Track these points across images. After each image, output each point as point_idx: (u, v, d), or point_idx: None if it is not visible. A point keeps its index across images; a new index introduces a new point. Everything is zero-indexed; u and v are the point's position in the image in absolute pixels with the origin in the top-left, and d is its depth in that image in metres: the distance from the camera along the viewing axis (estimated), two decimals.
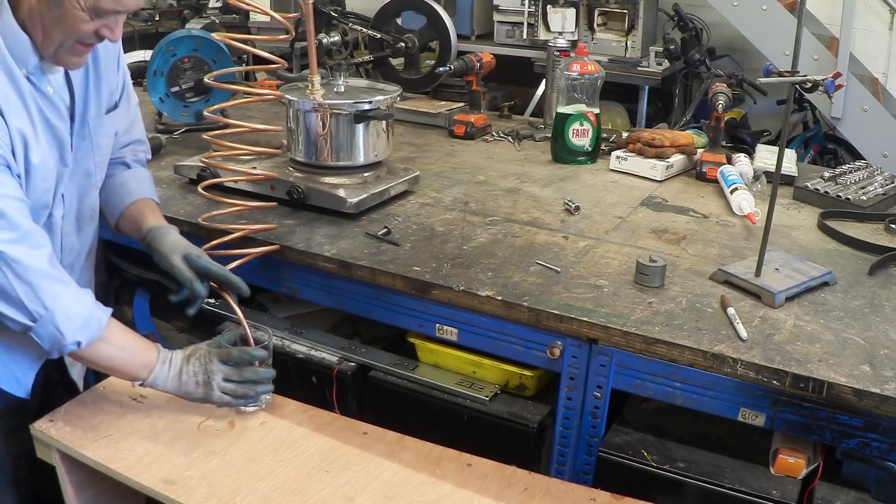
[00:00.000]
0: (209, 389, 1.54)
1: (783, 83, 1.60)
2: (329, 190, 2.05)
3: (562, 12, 4.14)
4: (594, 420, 1.66)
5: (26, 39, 1.40)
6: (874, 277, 1.83)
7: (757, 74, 2.45)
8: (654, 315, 1.62)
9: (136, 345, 1.55)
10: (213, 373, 1.54)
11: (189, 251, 1.68)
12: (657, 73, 4.26)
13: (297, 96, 2.08)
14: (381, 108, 2.08)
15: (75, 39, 1.41)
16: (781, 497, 1.48)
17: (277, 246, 1.89)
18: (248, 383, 1.56)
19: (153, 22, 5.56)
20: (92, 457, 1.49)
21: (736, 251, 1.94)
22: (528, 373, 1.77)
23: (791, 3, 3.84)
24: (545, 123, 2.95)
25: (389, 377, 1.86)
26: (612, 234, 2.03)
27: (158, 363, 1.54)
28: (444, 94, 3.07)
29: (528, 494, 1.44)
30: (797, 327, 1.59)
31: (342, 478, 1.45)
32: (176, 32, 2.65)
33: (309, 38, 2.04)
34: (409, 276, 1.77)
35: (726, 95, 2.42)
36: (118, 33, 1.45)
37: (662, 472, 1.56)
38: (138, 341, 1.56)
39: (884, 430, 1.42)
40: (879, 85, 3.85)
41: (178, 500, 1.38)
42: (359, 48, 3.34)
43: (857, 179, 2.35)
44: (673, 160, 2.47)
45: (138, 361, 1.53)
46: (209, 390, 1.54)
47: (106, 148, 1.68)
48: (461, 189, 2.32)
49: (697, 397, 1.55)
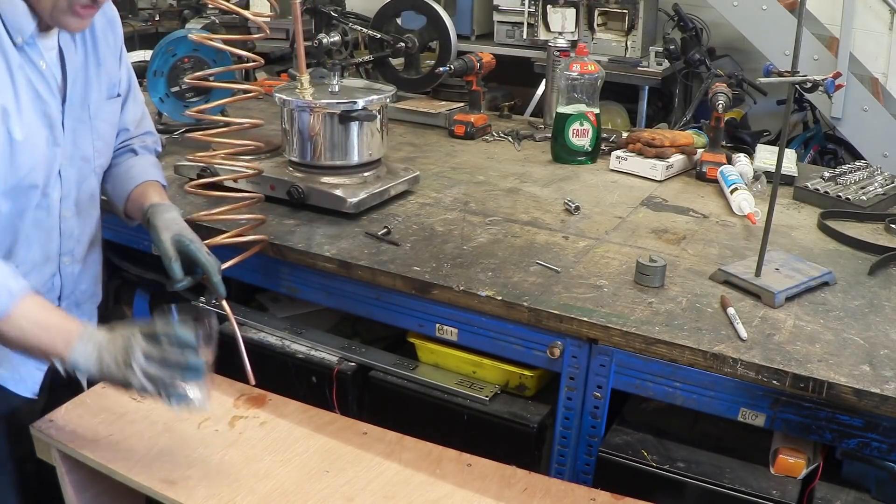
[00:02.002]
0: (129, 371, 1.32)
1: (783, 83, 1.60)
2: (329, 190, 2.06)
3: (562, 12, 4.15)
4: (594, 420, 1.66)
5: (21, 3, 1.39)
6: (874, 277, 1.83)
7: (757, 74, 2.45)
8: (654, 315, 1.62)
9: (56, 322, 1.37)
10: (134, 349, 1.32)
11: (182, 233, 1.61)
12: (657, 73, 4.26)
13: (288, 96, 2.08)
14: (369, 108, 2.08)
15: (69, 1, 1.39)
16: (781, 497, 1.48)
17: (266, 238, 1.89)
18: (171, 369, 1.33)
19: (153, 22, 5.56)
20: (92, 457, 1.49)
21: (736, 251, 1.94)
22: (528, 373, 1.77)
23: (791, 3, 3.84)
24: (545, 123, 2.95)
25: (389, 377, 1.86)
26: (612, 234, 2.03)
27: (79, 339, 1.34)
28: (444, 94, 3.08)
29: (528, 494, 1.44)
30: (797, 327, 1.59)
31: (342, 478, 1.45)
32: (176, 32, 2.65)
33: (298, 38, 2.04)
34: (409, 276, 1.77)
35: (726, 95, 2.42)
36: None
37: (662, 472, 1.56)
38: (59, 318, 1.39)
39: (884, 430, 1.42)
40: (879, 85, 3.85)
41: (178, 500, 1.38)
42: (359, 48, 3.34)
43: (857, 179, 2.35)
44: (673, 160, 2.47)
45: (56, 338, 1.34)
46: (129, 372, 1.32)
47: (106, 134, 1.66)
48: (461, 189, 2.32)
49: (697, 397, 1.55)
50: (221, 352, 1.89)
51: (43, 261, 1.59)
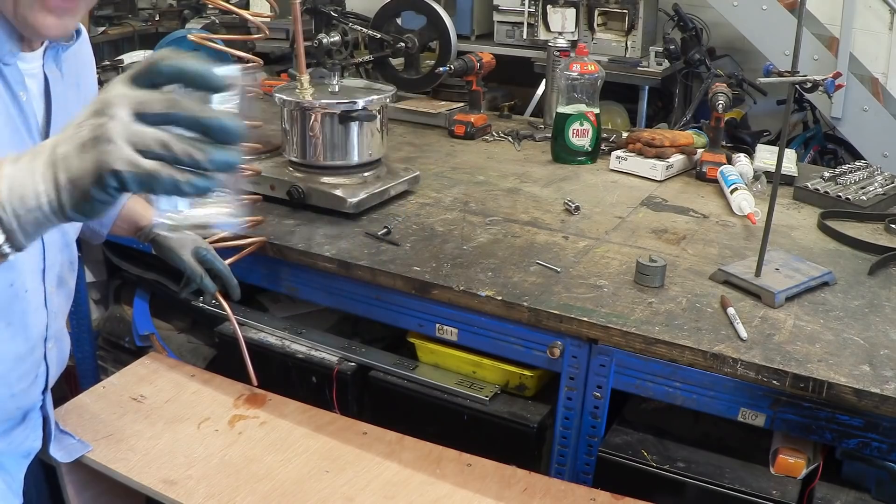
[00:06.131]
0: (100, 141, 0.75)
1: (783, 83, 1.60)
2: (329, 190, 2.06)
3: (562, 12, 4.15)
4: (594, 420, 1.66)
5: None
6: (874, 277, 1.83)
7: (757, 74, 2.45)
8: (654, 315, 1.62)
9: None
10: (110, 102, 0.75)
11: (198, 245, 1.67)
12: (657, 73, 4.26)
13: (288, 96, 2.08)
14: (369, 108, 2.07)
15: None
16: (781, 497, 1.48)
17: (262, 239, 1.89)
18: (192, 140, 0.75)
19: (153, 22, 5.56)
20: (92, 457, 1.49)
21: (736, 251, 1.94)
22: (528, 373, 1.77)
23: (791, 3, 3.84)
24: (545, 123, 2.95)
25: (389, 377, 1.86)
26: (612, 234, 2.03)
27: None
28: (444, 94, 3.07)
29: (528, 494, 1.44)
30: (797, 327, 1.59)
31: (342, 478, 1.45)
32: (176, 32, 2.66)
33: (297, 38, 2.04)
34: (409, 276, 1.77)
35: (726, 95, 2.42)
36: None
37: (662, 472, 1.56)
38: None
39: (884, 430, 1.42)
40: (879, 85, 3.85)
41: (178, 500, 1.38)
42: (359, 48, 3.34)
43: (857, 179, 2.35)
44: (673, 160, 2.47)
45: None
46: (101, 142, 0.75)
47: None
48: (461, 189, 2.32)
49: (697, 397, 1.55)
50: (222, 352, 1.90)
51: (27, 352, 1.30)
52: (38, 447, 1.44)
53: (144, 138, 0.74)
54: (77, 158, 0.76)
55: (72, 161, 0.77)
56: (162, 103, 0.75)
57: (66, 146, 0.77)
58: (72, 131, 0.78)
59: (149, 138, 0.74)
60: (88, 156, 0.75)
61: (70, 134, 0.78)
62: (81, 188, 0.76)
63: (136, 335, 2.27)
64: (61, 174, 0.77)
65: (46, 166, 0.78)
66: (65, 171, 0.77)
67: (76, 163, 0.76)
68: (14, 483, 1.37)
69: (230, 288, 1.70)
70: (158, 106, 0.74)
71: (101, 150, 0.74)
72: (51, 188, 0.78)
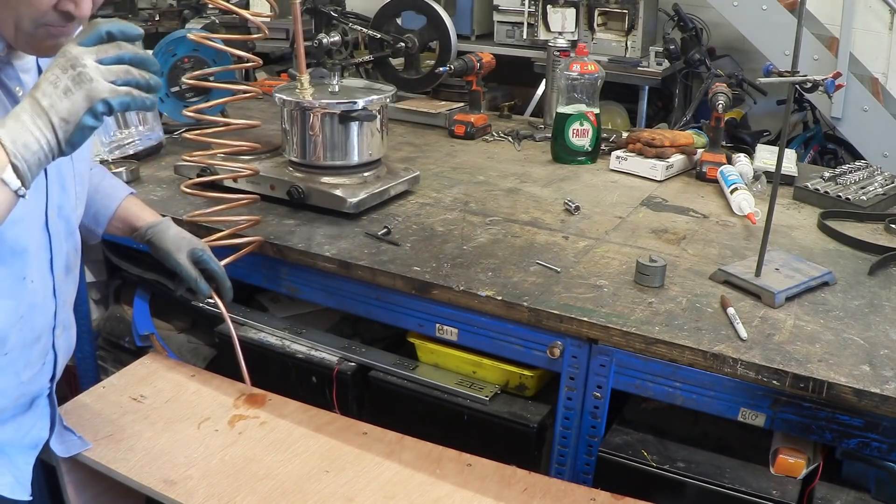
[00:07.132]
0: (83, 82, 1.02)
1: (783, 83, 1.60)
2: (329, 190, 2.06)
3: (562, 12, 4.15)
4: (594, 420, 1.65)
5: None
6: (874, 277, 1.83)
7: (757, 74, 2.45)
8: (654, 315, 1.62)
9: None
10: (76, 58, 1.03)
11: (194, 246, 1.67)
12: (657, 73, 4.26)
13: (288, 96, 2.08)
14: (369, 108, 2.07)
15: (33, 21, 1.13)
16: (781, 497, 1.48)
17: (260, 239, 1.89)
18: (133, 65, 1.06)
19: (153, 22, 5.56)
20: (92, 457, 1.49)
21: (736, 251, 1.94)
22: (528, 373, 1.77)
23: (791, 3, 3.84)
24: (545, 123, 2.95)
25: (389, 377, 1.86)
26: (612, 234, 2.03)
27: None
28: (444, 94, 3.08)
29: (528, 494, 1.44)
30: (797, 327, 1.59)
31: (342, 478, 1.45)
32: (176, 32, 2.65)
33: (297, 38, 2.04)
34: (409, 276, 1.77)
35: (726, 95, 2.42)
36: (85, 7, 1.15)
37: (662, 472, 1.56)
38: None
39: (884, 430, 1.42)
40: (879, 85, 3.85)
41: (178, 500, 1.38)
42: (359, 48, 3.34)
43: (857, 179, 2.35)
44: (673, 160, 2.47)
45: None
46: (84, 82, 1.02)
47: (85, 176, 1.47)
48: (461, 189, 2.32)
49: (697, 397, 1.55)
50: (222, 352, 1.90)
51: (33, 340, 1.34)
52: (45, 437, 1.45)
53: (114, 72, 1.04)
54: (65, 101, 1.02)
55: (60, 105, 1.02)
56: (113, 49, 1.05)
57: (48, 98, 1.02)
58: (48, 87, 1.02)
59: (117, 71, 1.04)
60: (76, 96, 1.02)
61: (48, 89, 1.02)
62: (74, 122, 1.03)
63: (136, 335, 2.27)
64: (54, 117, 1.02)
65: (37, 116, 1.02)
66: (56, 115, 1.02)
67: (65, 105, 1.02)
68: (22, 476, 1.39)
69: (223, 290, 1.70)
70: (112, 51, 1.05)
71: (87, 89, 1.02)
72: (48, 130, 1.03)
